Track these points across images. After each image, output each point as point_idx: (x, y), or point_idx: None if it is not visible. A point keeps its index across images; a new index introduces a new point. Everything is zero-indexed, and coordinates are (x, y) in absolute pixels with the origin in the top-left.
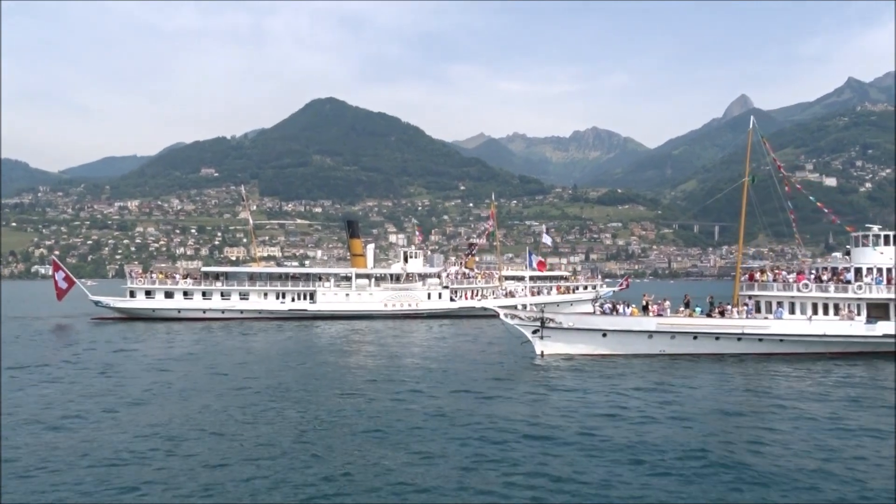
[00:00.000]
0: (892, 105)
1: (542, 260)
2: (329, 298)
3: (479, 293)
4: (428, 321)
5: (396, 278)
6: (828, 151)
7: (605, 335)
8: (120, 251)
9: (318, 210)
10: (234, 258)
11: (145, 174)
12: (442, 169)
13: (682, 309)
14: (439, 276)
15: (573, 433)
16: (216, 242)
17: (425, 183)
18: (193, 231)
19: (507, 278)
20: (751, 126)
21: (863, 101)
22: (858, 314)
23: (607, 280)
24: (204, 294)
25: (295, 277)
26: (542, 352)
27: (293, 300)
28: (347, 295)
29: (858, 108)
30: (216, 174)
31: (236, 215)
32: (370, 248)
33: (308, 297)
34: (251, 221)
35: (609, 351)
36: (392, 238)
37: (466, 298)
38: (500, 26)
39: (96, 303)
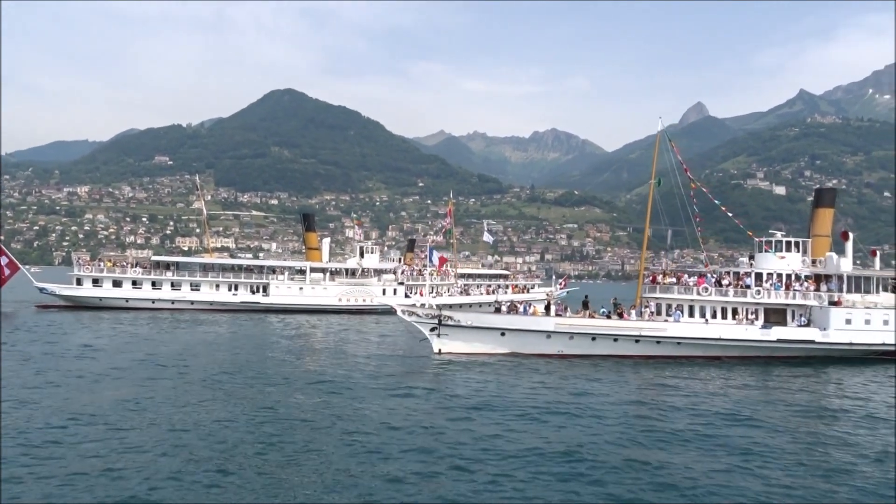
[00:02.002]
0: (841, 118)
1: (444, 256)
2: (283, 292)
3: (435, 290)
4: (380, 317)
5: (352, 273)
6: (778, 161)
7: (503, 334)
8: (67, 238)
9: (275, 202)
10: (186, 248)
11: (96, 160)
12: (401, 165)
13: (580, 310)
14: (395, 272)
15: (409, 431)
16: (168, 232)
17: (384, 178)
18: (145, 219)
19: (462, 275)
20: (659, 128)
21: (813, 114)
22: (757, 318)
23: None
24: (153, 284)
25: (248, 269)
26: (440, 350)
27: (246, 292)
28: (301, 289)
29: (809, 119)
30: (170, 162)
31: (190, 205)
32: (326, 241)
33: (261, 290)
34: (205, 211)
35: (507, 350)
36: (349, 233)
37: (421, 295)
38: (465, 25)
39: (41, 290)
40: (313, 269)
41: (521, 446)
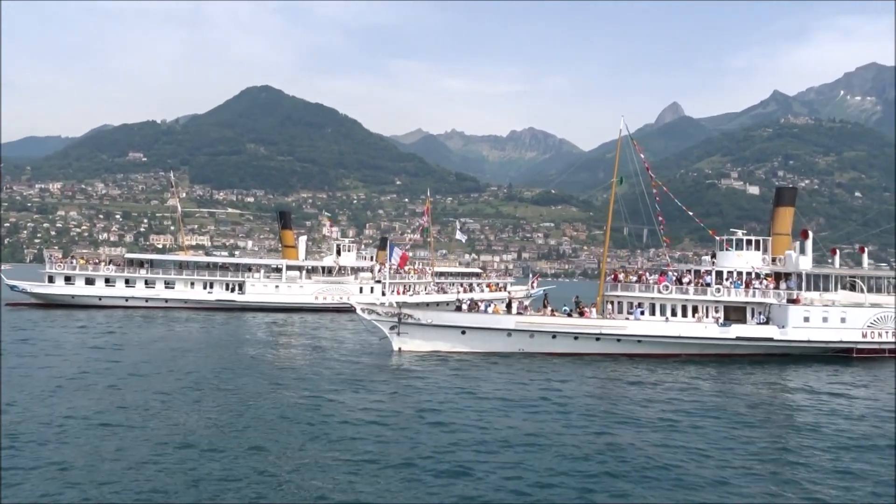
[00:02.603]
0: (813, 119)
1: (405, 253)
2: (259, 290)
3: (412, 288)
4: (355, 315)
5: (328, 271)
6: (752, 161)
7: (463, 332)
8: (39, 235)
9: (251, 200)
10: (160, 246)
11: (69, 156)
12: (379, 163)
13: (541, 308)
14: (372, 270)
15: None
16: (142, 229)
17: (361, 176)
18: (118, 217)
19: (439, 274)
20: (621, 126)
21: (786, 114)
22: (717, 315)
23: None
24: (127, 282)
25: (224, 267)
26: (399, 348)
27: (221, 290)
28: (277, 287)
29: (782, 120)
30: (144, 159)
31: (164, 202)
32: (302, 239)
33: (237, 288)
34: (179, 209)
35: (468, 349)
36: (325, 231)
37: (399, 293)
38: (443, 24)
39: (12, 287)
40: (290, 267)
41: (472, 444)
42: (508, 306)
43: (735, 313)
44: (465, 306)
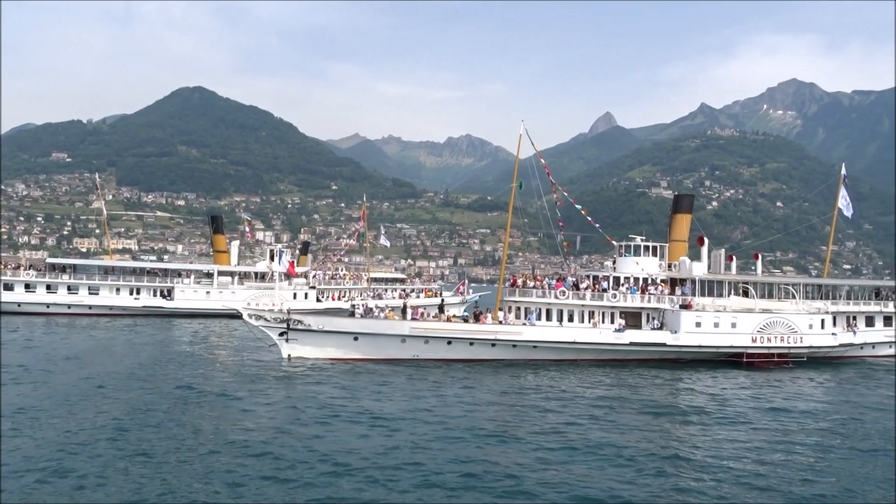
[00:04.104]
0: (738, 131)
1: (293, 261)
2: (188, 296)
3: (347, 294)
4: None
5: (261, 277)
6: (681, 170)
7: (356, 338)
8: None
9: (181, 203)
10: (84, 250)
11: None
12: (314, 167)
13: (437, 314)
14: (306, 276)
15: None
16: (65, 233)
17: (296, 180)
18: (40, 219)
19: (375, 280)
20: (521, 131)
21: (713, 126)
22: (613, 322)
23: (474, 286)
24: (48, 287)
25: (152, 273)
26: (289, 355)
27: (149, 296)
28: (208, 293)
29: (709, 132)
30: (69, 159)
31: (89, 204)
32: (235, 244)
33: (165, 294)
34: (105, 211)
35: (361, 355)
36: (259, 235)
37: (333, 299)
38: (381, 27)
39: None
40: (221, 273)
41: (361, 450)
42: (403, 311)
43: (631, 319)
44: (358, 312)
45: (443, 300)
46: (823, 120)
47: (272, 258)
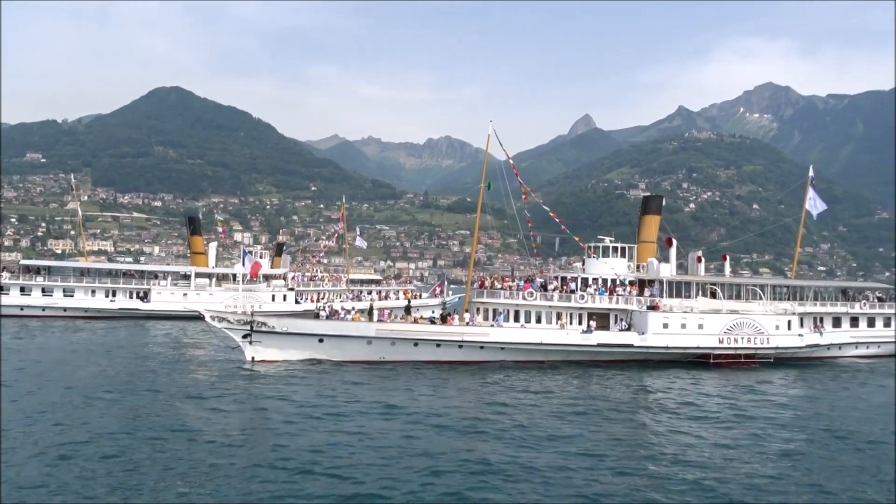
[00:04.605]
0: (715, 134)
1: (259, 261)
2: (165, 298)
3: (326, 296)
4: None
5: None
6: (658, 172)
7: (321, 340)
8: None
9: (158, 204)
10: (59, 252)
11: None
12: (293, 168)
13: (404, 315)
14: (284, 278)
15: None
16: (39, 234)
17: (275, 181)
18: (14, 220)
19: (354, 281)
20: (490, 132)
21: (690, 129)
22: (581, 323)
23: (454, 287)
24: (22, 289)
25: (128, 274)
26: (253, 357)
27: (125, 298)
28: (185, 294)
29: (686, 134)
30: (43, 160)
31: (64, 205)
32: (212, 246)
33: (142, 296)
34: (80, 212)
35: (326, 357)
36: (237, 237)
37: (312, 301)
38: (361, 29)
39: None
40: (198, 275)
41: (324, 454)
42: (370, 313)
43: (600, 320)
44: (323, 313)
45: (409, 301)
46: (799, 123)
47: None
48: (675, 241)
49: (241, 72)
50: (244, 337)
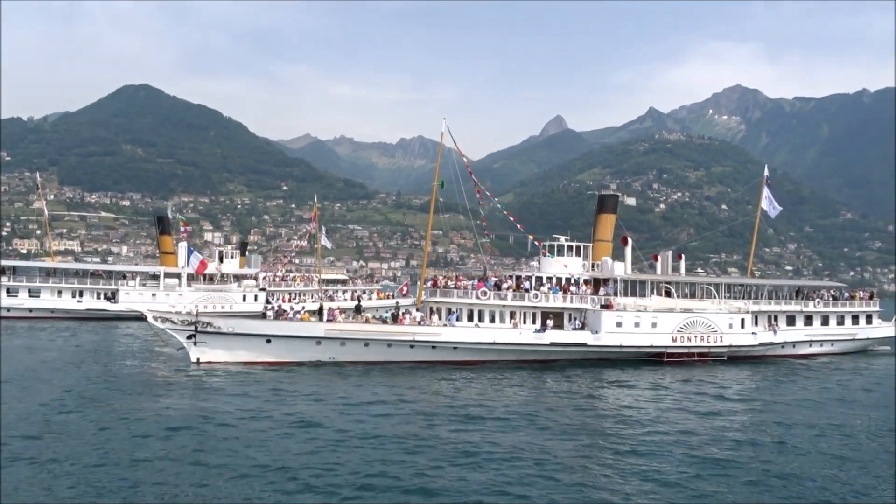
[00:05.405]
0: (685, 135)
1: (204, 259)
2: (133, 298)
3: (298, 296)
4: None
5: (210, 278)
6: (629, 173)
7: (269, 341)
8: None
9: (126, 203)
10: (24, 251)
11: None
12: (264, 167)
13: (354, 315)
14: (256, 278)
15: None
16: (4, 233)
17: (246, 181)
18: None
19: (326, 281)
20: (443, 129)
21: (661, 130)
22: (535, 322)
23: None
24: None
25: (95, 275)
26: (198, 359)
27: (92, 299)
28: (154, 295)
29: (657, 135)
30: (8, 158)
31: (30, 204)
32: (182, 245)
33: (109, 297)
34: (46, 212)
35: (274, 358)
36: (207, 236)
37: (284, 301)
38: (333, 28)
39: None
40: (168, 275)
41: (266, 459)
42: (319, 313)
43: (554, 319)
44: (270, 313)
45: (359, 301)
46: (766, 125)
47: (221, 260)
48: (630, 240)
49: (211, 70)
50: (189, 338)
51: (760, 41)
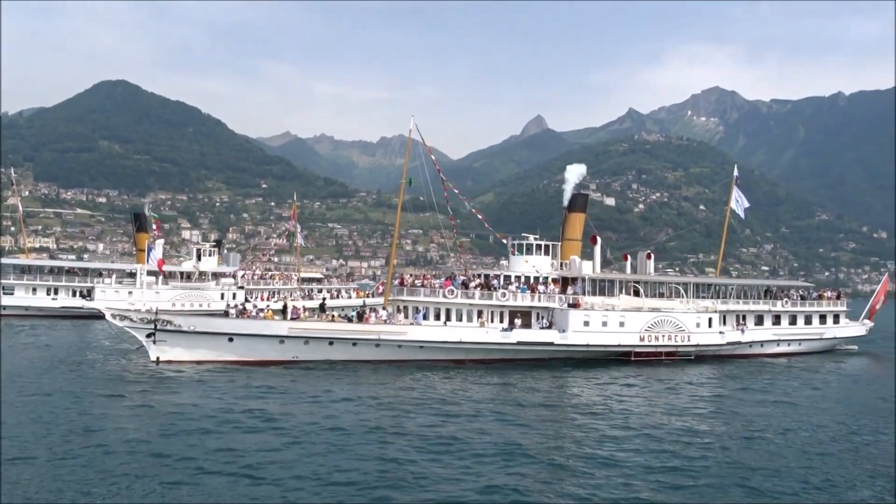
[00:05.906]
0: (664, 136)
1: (162, 258)
2: (109, 296)
3: (277, 294)
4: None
5: (187, 276)
6: (609, 174)
7: (231, 340)
8: None
9: (103, 200)
10: None
11: None
12: (244, 165)
13: (319, 314)
14: (234, 276)
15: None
16: None
17: (225, 178)
18: None
19: (305, 280)
20: (411, 126)
21: (640, 131)
22: (502, 321)
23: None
24: None
25: (70, 272)
26: (158, 358)
27: (67, 297)
28: (130, 293)
29: (636, 136)
30: None
31: (4, 201)
32: (160, 243)
33: (85, 294)
34: (20, 208)
35: (236, 357)
36: (185, 234)
37: (263, 300)
38: (314, 26)
39: None
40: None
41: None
42: (283, 311)
43: (522, 318)
44: (233, 312)
45: (324, 299)
46: (744, 127)
47: (199, 258)
48: (599, 239)
49: (190, 67)
50: (148, 336)
51: (739, 44)
